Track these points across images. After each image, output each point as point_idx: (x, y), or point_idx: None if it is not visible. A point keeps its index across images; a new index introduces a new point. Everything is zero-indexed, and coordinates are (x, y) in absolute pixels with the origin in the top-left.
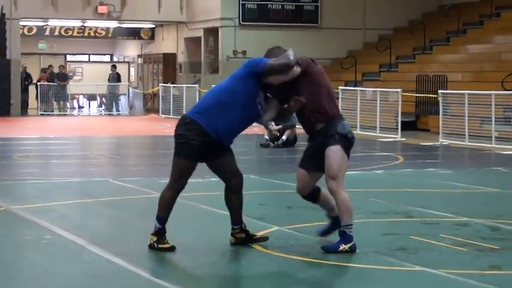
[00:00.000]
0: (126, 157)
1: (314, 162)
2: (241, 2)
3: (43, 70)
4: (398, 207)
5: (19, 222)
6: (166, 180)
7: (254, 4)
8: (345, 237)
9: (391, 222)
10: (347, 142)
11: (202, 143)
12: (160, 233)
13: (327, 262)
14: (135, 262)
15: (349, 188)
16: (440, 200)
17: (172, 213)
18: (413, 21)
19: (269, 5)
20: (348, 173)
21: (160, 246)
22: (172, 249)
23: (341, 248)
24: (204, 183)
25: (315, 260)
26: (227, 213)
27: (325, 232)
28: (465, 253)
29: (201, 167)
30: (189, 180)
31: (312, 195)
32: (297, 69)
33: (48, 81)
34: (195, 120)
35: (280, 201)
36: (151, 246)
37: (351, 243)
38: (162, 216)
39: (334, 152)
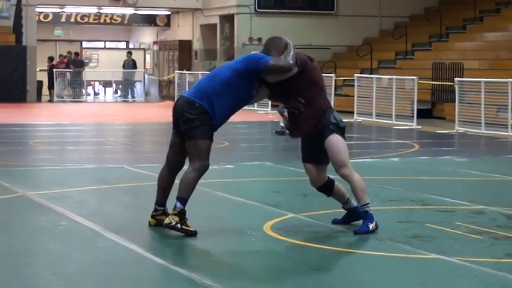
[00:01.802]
0: (142, 144)
1: (314, 155)
2: None
3: (62, 56)
4: (414, 194)
5: (35, 209)
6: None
7: None
8: (368, 217)
9: (407, 209)
10: (341, 129)
11: (212, 126)
12: (182, 214)
13: (343, 249)
14: (150, 248)
15: (365, 175)
16: (456, 188)
17: (193, 200)
18: (430, 9)
19: None
20: (363, 160)
21: (184, 227)
22: (194, 233)
23: (371, 227)
24: (220, 170)
25: (331, 248)
26: (243, 199)
27: (340, 222)
28: (481, 241)
29: (216, 154)
30: None
31: (326, 187)
32: (295, 69)
33: (66, 68)
34: (204, 106)
35: (295, 189)
36: (171, 227)
37: (375, 221)
38: (186, 197)
39: (335, 141)
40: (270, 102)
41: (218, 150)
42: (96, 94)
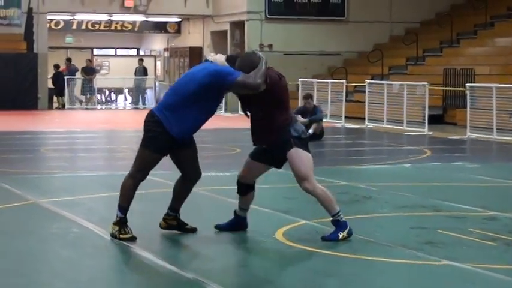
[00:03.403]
0: None
1: (265, 155)
2: None
3: (69, 59)
4: (426, 201)
5: (46, 216)
6: None
7: None
8: (340, 225)
9: (419, 216)
10: (301, 141)
11: (169, 140)
12: (121, 222)
13: (355, 256)
14: (162, 255)
15: (377, 181)
16: (468, 194)
17: (202, 207)
18: (441, 14)
19: None
20: (375, 166)
21: (121, 236)
22: (133, 239)
23: (340, 236)
24: (231, 176)
25: (342, 254)
26: (254, 206)
27: (223, 227)
28: (493, 247)
29: (226, 161)
30: (215, 174)
31: (247, 188)
32: (263, 87)
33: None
34: (161, 122)
35: (307, 195)
36: (113, 236)
37: (347, 229)
38: (124, 205)
39: (295, 155)
40: None
41: (229, 157)
42: (107, 101)
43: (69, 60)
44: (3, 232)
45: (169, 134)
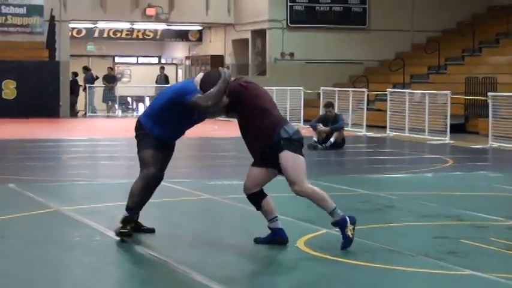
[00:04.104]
0: (174, 159)
1: (265, 160)
2: (288, 4)
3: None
4: (448, 210)
5: (69, 224)
6: (215, 182)
7: (302, 6)
8: (341, 223)
9: (441, 225)
10: (295, 143)
11: (155, 139)
12: (126, 221)
13: (377, 265)
14: (184, 264)
15: (399, 190)
16: (491, 204)
17: (227, 214)
18: (462, 23)
19: (317, 7)
20: (396, 175)
21: (121, 231)
22: (126, 235)
23: (349, 233)
24: None
25: (365, 263)
26: (281, 216)
27: (262, 241)
28: None
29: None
30: (237, 182)
31: (257, 197)
32: (225, 100)
33: (85, 83)
34: (143, 125)
35: None
36: (115, 233)
37: (348, 221)
38: (130, 205)
39: (286, 158)
40: (302, 116)
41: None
42: (128, 109)
43: (86, 68)
44: (26, 240)
45: (153, 135)
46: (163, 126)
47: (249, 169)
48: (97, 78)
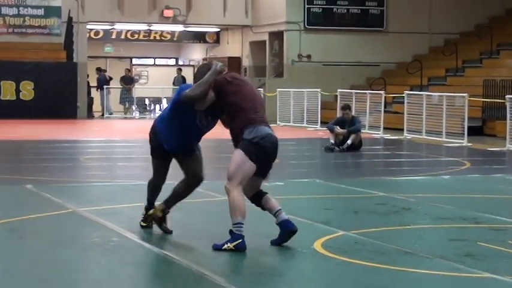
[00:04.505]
0: None
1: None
2: (306, 6)
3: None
4: (466, 213)
5: (86, 225)
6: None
7: (319, 8)
8: (233, 237)
9: (459, 228)
10: (252, 146)
11: (164, 151)
12: (145, 209)
13: (395, 268)
14: (202, 265)
15: (416, 193)
16: (508, 206)
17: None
18: (480, 25)
19: (334, 9)
20: (413, 177)
21: (141, 223)
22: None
23: (225, 246)
24: (270, 187)
25: (381, 265)
26: (293, 217)
27: (277, 242)
28: None
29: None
30: None
31: (256, 199)
32: (211, 94)
33: (99, 84)
34: (156, 133)
35: (346, 206)
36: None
37: (237, 242)
38: (148, 198)
39: (234, 155)
40: (319, 118)
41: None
42: (146, 111)
43: (99, 69)
44: (44, 241)
45: (163, 147)
46: (172, 135)
47: None
48: (111, 79)
